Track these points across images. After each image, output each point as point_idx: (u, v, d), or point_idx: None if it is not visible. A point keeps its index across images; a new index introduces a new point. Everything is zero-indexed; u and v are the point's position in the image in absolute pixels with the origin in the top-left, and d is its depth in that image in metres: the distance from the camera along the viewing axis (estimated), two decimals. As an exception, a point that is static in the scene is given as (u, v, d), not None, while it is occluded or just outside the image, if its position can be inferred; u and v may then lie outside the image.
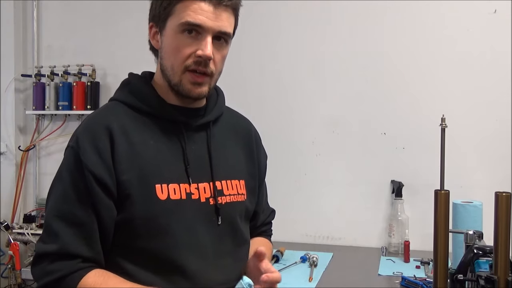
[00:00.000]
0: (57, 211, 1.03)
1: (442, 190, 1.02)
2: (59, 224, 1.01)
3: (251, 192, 1.24)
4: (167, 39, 1.08)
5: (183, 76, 1.07)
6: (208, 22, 1.04)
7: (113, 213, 1.04)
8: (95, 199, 1.02)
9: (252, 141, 1.28)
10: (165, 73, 1.10)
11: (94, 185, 1.01)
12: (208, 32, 1.05)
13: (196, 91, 1.09)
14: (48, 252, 1.01)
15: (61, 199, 1.04)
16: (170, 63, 1.08)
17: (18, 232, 2.70)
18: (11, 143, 2.94)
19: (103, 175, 1.02)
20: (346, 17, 2.47)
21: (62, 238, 1.00)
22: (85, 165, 1.02)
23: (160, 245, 1.04)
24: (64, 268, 1.00)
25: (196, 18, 1.03)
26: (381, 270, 2.02)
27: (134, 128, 1.08)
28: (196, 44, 1.05)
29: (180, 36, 1.06)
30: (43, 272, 1.01)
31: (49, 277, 1.00)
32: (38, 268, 1.02)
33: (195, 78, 1.07)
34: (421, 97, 2.36)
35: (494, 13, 2.27)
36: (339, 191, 2.47)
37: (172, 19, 1.06)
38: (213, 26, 1.05)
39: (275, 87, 2.57)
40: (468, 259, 1.11)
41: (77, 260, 1.01)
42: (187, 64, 1.06)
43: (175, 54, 1.07)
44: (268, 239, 1.39)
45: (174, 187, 1.07)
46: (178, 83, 1.08)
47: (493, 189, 1.04)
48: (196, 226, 1.09)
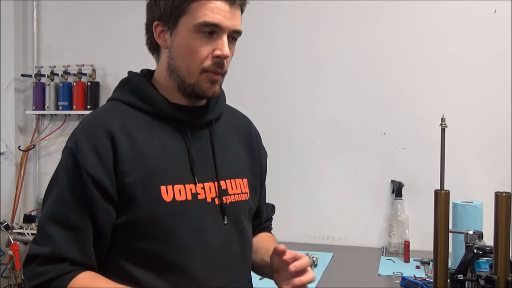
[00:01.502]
0: (51, 213, 1.01)
1: (442, 190, 1.02)
2: (53, 227, 0.99)
3: (254, 191, 1.22)
4: (179, 39, 1.06)
5: (200, 77, 1.06)
6: (225, 22, 1.03)
7: (111, 217, 1.02)
8: (93, 203, 1.00)
9: (253, 139, 1.27)
10: (177, 74, 1.08)
11: (92, 188, 0.99)
12: (224, 31, 1.04)
13: (212, 90, 1.08)
14: (40, 254, 0.99)
15: (57, 201, 1.01)
16: (185, 64, 1.06)
17: (18, 232, 2.71)
18: (11, 143, 2.94)
19: (102, 178, 0.99)
20: (346, 17, 2.47)
21: (55, 241, 0.99)
22: (83, 168, 0.99)
23: (165, 247, 1.03)
24: (53, 270, 0.98)
25: (214, 18, 1.02)
26: (381, 270, 2.02)
27: (137, 129, 1.06)
28: (212, 44, 1.04)
29: (196, 36, 1.04)
30: (33, 274, 1.00)
31: (38, 279, 0.99)
32: (29, 268, 1.01)
33: (213, 76, 1.06)
34: (421, 97, 2.36)
35: (494, 13, 2.27)
36: (339, 191, 2.47)
37: (186, 19, 1.04)
38: (230, 25, 1.04)
39: (275, 87, 2.57)
40: (468, 259, 1.11)
41: (66, 263, 0.99)
42: (206, 65, 1.05)
43: (191, 54, 1.05)
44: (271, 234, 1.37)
45: (179, 188, 1.05)
46: (195, 84, 1.06)
47: (493, 189, 1.04)
48: (203, 227, 1.07)
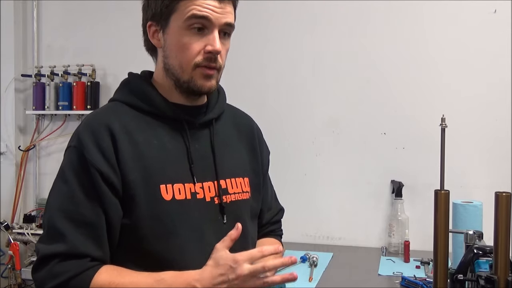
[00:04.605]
0: (63, 211, 0.99)
1: (442, 190, 1.02)
2: (66, 224, 0.98)
3: (256, 190, 1.22)
4: (171, 37, 1.07)
5: (193, 73, 1.06)
6: (214, 15, 1.04)
7: (120, 213, 1.02)
8: (103, 198, 1.00)
9: (254, 137, 1.27)
10: (172, 72, 1.08)
11: (101, 183, 0.99)
12: (215, 26, 1.04)
13: (207, 85, 1.08)
14: (55, 253, 0.97)
15: (67, 199, 1.00)
16: (177, 61, 1.07)
17: (18, 232, 2.70)
18: (11, 143, 2.94)
19: (109, 173, 1.00)
20: (346, 17, 2.47)
21: (69, 239, 0.97)
22: (90, 163, 1.00)
23: (165, 247, 1.03)
24: (72, 268, 0.96)
25: (202, 11, 1.03)
26: (381, 270, 2.02)
27: (137, 128, 1.06)
28: (204, 40, 1.05)
29: (187, 33, 1.04)
30: (50, 275, 0.96)
31: (56, 280, 0.96)
32: (44, 271, 0.97)
33: (206, 71, 1.06)
34: (421, 97, 2.36)
35: (494, 13, 2.27)
36: (339, 191, 2.47)
37: (176, 16, 1.05)
38: (219, 19, 1.04)
39: (275, 87, 2.57)
40: (468, 259, 1.10)
41: (86, 260, 0.98)
42: (197, 61, 1.05)
43: (183, 51, 1.05)
44: (278, 239, 1.34)
45: (179, 187, 1.05)
46: (189, 80, 1.07)
47: (493, 189, 1.04)
48: (202, 226, 1.08)
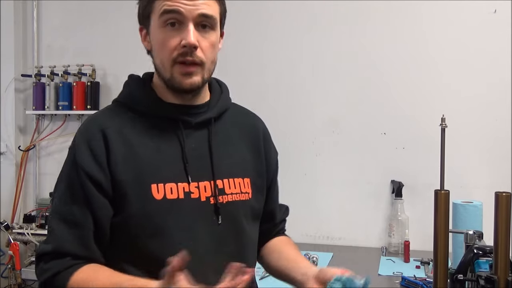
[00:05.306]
0: (57, 212, 1.06)
1: (442, 190, 1.02)
2: (58, 224, 1.04)
3: (258, 191, 1.22)
4: (153, 37, 1.09)
5: (173, 69, 1.06)
6: (186, 8, 1.03)
7: (109, 212, 1.04)
8: (90, 198, 1.03)
9: (259, 137, 1.26)
10: (158, 71, 1.10)
11: (88, 183, 1.02)
12: (188, 19, 1.04)
13: (187, 82, 1.07)
14: (44, 252, 1.04)
15: (60, 200, 1.06)
16: (159, 60, 1.08)
17: (18, 232, 2.70)
18: (11, 143, 2.94)
19: (96, 174, 1.03)
20: (346, 17, 2.47)
21: (59, 238, 1.03)
22: (79, 165, 1.03)
23: (155, 245, 1.04)
24: (56, 266, 1.02)
25: (172, 6, 1.03)
26: (381, 270, 2.02)
27: (132, 129, 1.08)
28: (179, 35, 1.05)
29: (162, 30, 1.06)
30: (41, 271, 1.04)
31: (44, 275, 1.03)
32: (38, 268, 1.06)
33: (184, 69, 1.06)
34: (421, 97, 2.36)
35: (494, 13, 2.27)
36: (339, 191, 2.47)
37: (153, 16, 1.07)
38: (192, 11, 1.03)
39: (275, 87, 2.57)
40: (468, 259, 1.11)
41: (67, 258, 1.02)
42: (174, 56, 1.05)
43: (162, 49, 1.06)
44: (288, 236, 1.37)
45: (171, 187, 1.06)
46: (170, 77, 1.07)
47: (493, 189, 1.04)
48: (194, 226, 1.08)
